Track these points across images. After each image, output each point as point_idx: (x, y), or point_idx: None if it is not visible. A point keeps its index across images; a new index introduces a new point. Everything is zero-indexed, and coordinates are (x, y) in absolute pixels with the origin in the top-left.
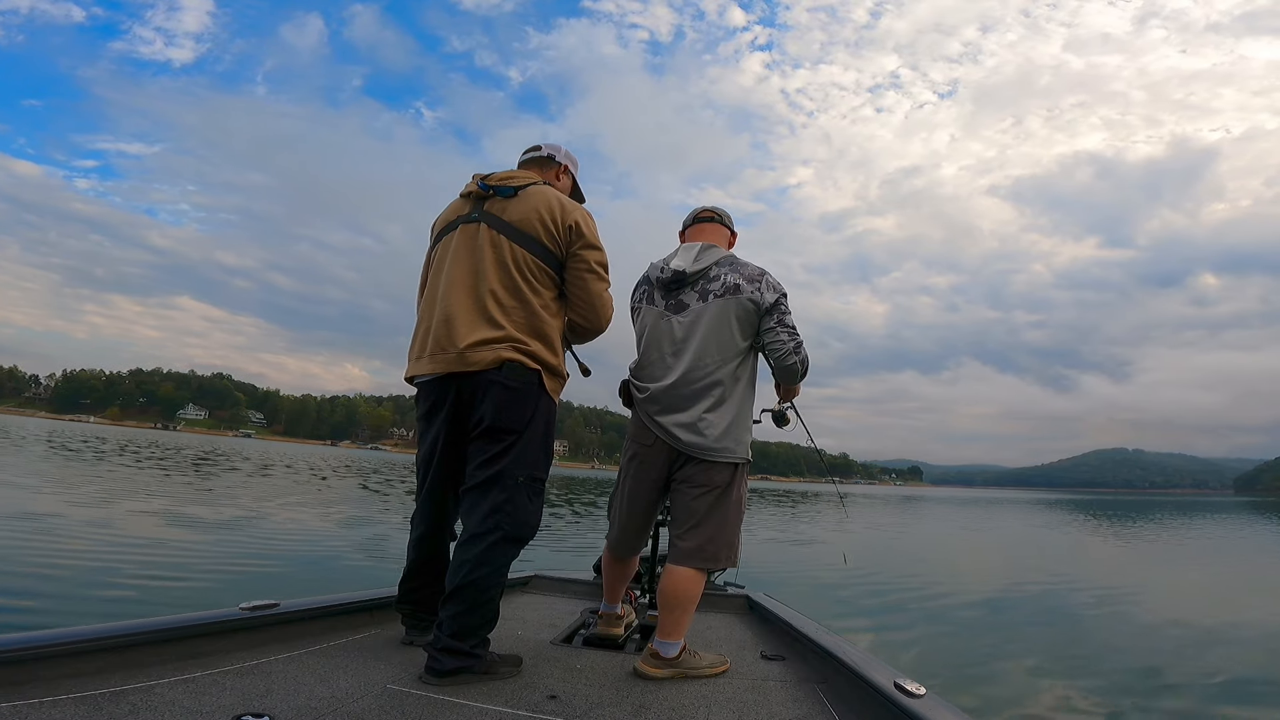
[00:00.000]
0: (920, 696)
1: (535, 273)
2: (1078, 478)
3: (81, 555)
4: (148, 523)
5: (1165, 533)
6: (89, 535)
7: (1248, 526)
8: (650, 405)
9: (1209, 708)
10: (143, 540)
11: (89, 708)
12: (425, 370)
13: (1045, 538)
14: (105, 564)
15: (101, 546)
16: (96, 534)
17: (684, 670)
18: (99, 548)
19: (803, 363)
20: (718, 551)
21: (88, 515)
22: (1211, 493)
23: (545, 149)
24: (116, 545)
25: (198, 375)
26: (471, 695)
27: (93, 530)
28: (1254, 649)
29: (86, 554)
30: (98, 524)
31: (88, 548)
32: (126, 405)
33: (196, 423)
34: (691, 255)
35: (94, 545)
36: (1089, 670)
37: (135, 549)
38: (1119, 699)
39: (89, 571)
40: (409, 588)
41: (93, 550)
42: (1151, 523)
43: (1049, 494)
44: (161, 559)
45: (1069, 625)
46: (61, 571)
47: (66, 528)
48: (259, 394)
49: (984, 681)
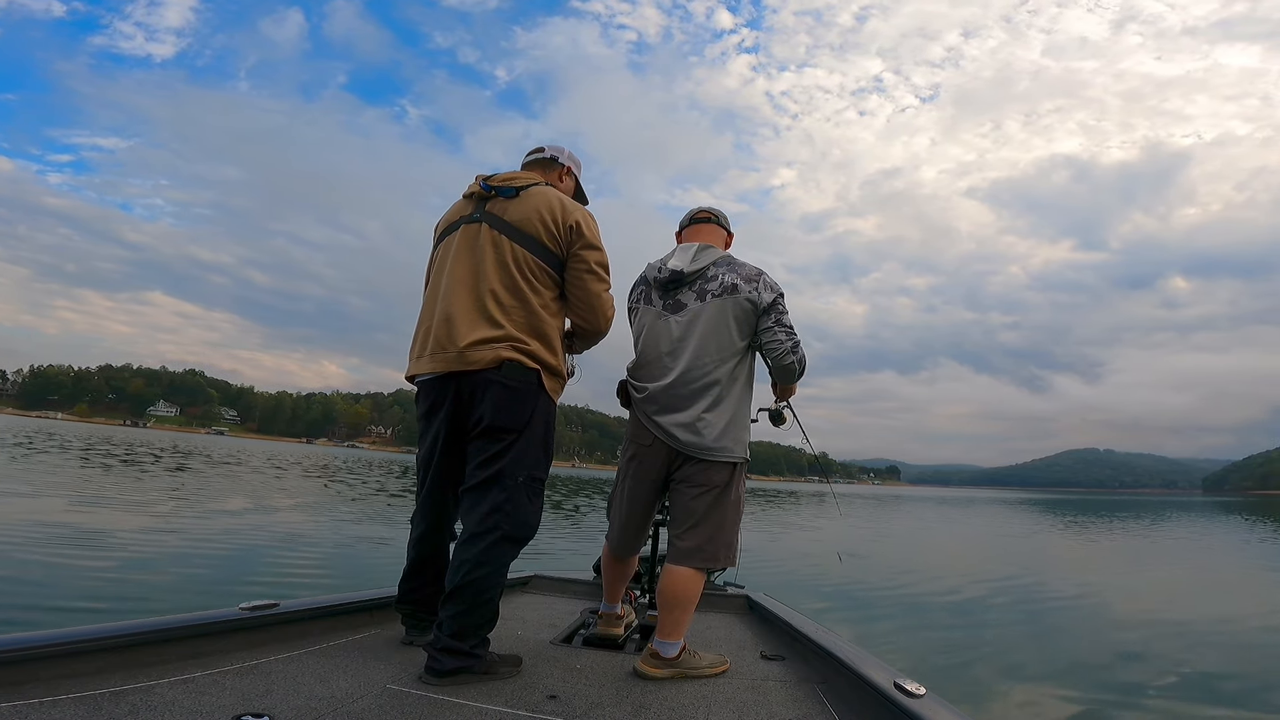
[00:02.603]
0: (920, 696)
1: (536, 273)
2: (1051, 477)
3: (81, 555)
4: (146, 522)
5: (1137, 533)
6: (88, 535)
7: (1216, 526)
8: (648, 405)
9: (1182, 706)
10: (142, 540)
11: (89, 708)
12: (425, 369)
13: (1030, 538)
14: (105, 563)
15: (101, 546)
16: (95, 534)
17: (684, 670)
18: (99, 547)
19: (800, 362)
20: (717, 551)
21: (79, 516)
22: (1180, 492)
23: (549, 150)
24: (116, 545)
25: (169, 371)
26: (471, 695)
27: (91, 530)
28: (1223, 646)
29: (86, 554)
30: (94, 524)
31: (87, 547)
32: (95, 402)
33: (167, 420)
34: (689, 255)
35: (94, 545)
36: (1089, 670)
37: (134, 549)
38: (1118, 699)
39: (89, 571)
40: (409, 587)
41: (93, 550)
42: (1124, 522)
43: (1023, 493)
44: (161, 559)
45: (1066, 624)
46: (61, 571)
47: (63, 527)
48: (233, 391)
49: (984, 681)
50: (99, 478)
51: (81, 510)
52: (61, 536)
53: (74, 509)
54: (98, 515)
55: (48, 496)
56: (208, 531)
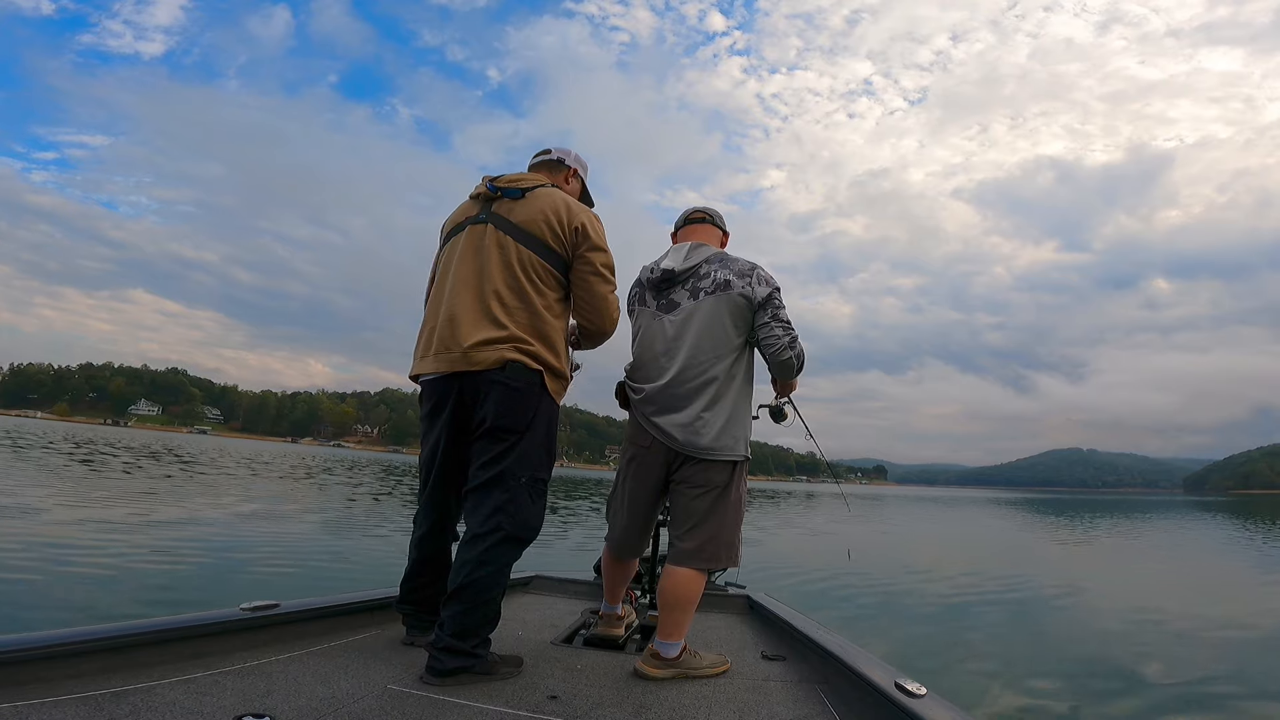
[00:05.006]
0: (920, 696)
1: (540, 274)
2: (1035, 477)
3: (79, 555)
4: (143, 522)
5: (1119, 532)
6: (83, 535)
7: (1196, 525)
8: (646, 406)
9: (1179, 705)
10: (142, 540)
11: (90, 708)
12: (429, 369)
13: (1019, 538)
14: (104, 564)
15: (99, 546)
16: (91, 534)
17: (684, 670)
18: (97, 547)
19: (798, 357)
20: (718, 551)
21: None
22: (1162, 492)
23: (555, 152)
24: (115, 545)
25: (151, 370)
26: (472, 695)
27: (88, 530)
28: (1210, 644)
29: (85, 554)
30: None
31: (85, 548)
32: (75, 400)
33: (149, 419)
34: (682, 254)
35: (92, 545)
36: (1088, 669)
37: (134, 549)
38: (1118, 698)
39: (88, 572)
40: (410, 587)
41: (91, 550)
42: (1107, 522)
43: (1008, 493)
44: (160, 558)
45: (1065, 624)
46: (60, 572)
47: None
48: (216, 389)
49: (984, 681)
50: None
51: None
52: (61, 536)
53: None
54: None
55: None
56: (208, 531)
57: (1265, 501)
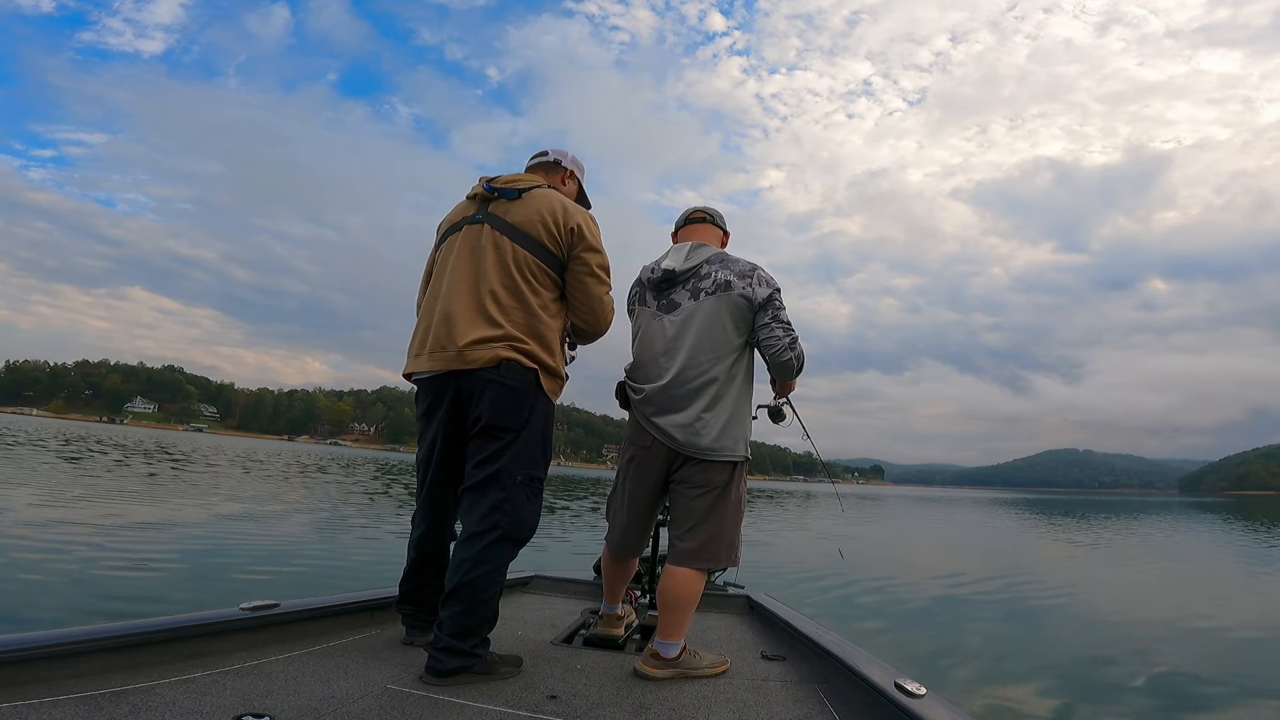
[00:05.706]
0: (920, 696)
1: (536, 274)
2: (1031, 477)
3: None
4: (142, 522)
5: (1116, 532)
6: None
7: (1193, 526)
8: (646, 407)
9: (1175, 703)
10: (140, 540)
11: (90, 708)
12: (424, 368)
13: (1017, 538)
14: (103, 564)
15: (97, 546)
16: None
17: (684, 670)
18: (95, 548)
19: (798, 358)
20: (718, 552)
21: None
22: (1157, 493)
23: (552, 154)
24: (113, 545)
25: (147, 367)
26: (472, 695)
27: (84, 530)
28: (1205, 644)
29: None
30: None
31: (83, 548)
32: (71, 398)
33: (145, 416)
34: (682, 254)
35: (90, 545)
36: (1087, 669)
37: (132, 549)
38: (1117, 698)
39: (87, 571)
40: (409, 587)
41: (90, 550)
42: (1103, 523)
43: (1005, 493)
44: (160, 558)
45: (1063, 624)
46: (58, 572)
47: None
48: (212, 387)
49: (984, 681)
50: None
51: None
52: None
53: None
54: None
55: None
56: (206, 532)
57: (1260, 503)
